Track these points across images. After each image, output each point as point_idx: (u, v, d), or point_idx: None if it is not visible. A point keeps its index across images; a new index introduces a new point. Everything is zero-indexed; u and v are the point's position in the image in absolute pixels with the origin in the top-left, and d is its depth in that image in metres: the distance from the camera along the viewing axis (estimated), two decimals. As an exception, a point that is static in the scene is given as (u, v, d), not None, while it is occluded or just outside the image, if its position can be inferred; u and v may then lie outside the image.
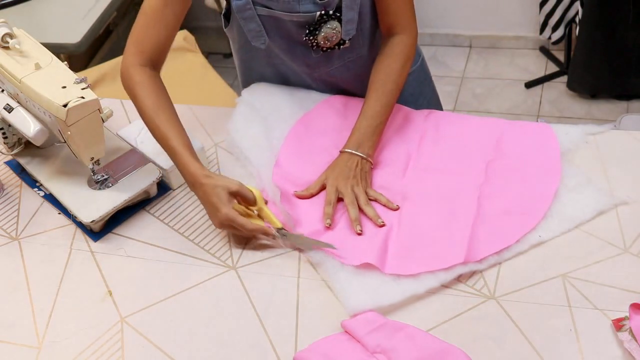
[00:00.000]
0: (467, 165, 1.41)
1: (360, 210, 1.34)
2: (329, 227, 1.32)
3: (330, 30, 1.43)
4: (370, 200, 1.36)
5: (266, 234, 1.32)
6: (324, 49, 1.47)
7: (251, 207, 1.35)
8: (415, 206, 1.34)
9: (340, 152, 1.40)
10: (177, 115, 1.37)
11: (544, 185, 1.35)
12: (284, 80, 1.61)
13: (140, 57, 1.40)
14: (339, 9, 1.41)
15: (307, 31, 1.43)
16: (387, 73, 1.44)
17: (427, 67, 1.73)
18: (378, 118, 1.41)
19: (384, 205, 1.35)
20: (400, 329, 1.16)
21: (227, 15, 1.54)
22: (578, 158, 1.42)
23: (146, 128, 1.53)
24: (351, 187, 1.35)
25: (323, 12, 1.40)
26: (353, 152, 1.38)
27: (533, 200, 1.33)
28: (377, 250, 1.26)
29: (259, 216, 1.35)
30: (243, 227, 1.29)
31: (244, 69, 1.67)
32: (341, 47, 1.48)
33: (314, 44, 1.46)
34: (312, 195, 1.39)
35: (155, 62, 1.42)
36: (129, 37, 1.42)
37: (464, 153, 1.44)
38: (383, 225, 1.31)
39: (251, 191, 1.32)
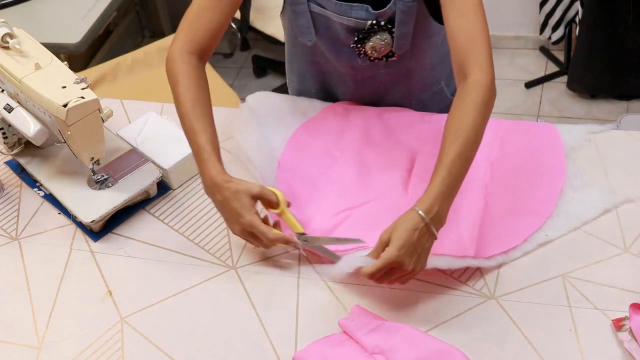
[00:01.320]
0: (472, 165, 1.41)
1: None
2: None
3: (379, 42, 1.39)
4: None
5: (288, 242, 1.25)
6: (371, 58, 1.44)
7: (274, 210, 1.28)
8: None
9: (412, 209, 1.15)
10: (212, 114, 1.32)
11: (549, 185, 1.35)
12: (322, 80, 1.58)
13: (190, 45, 1.35)
14: (391, 21, 1.37)
15: (356, 38, 1.40)
16: (465, 122, 1.20)
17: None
18: (457, 174, 1.18)
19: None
20: (398, 330, 1.16)
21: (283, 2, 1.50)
22: (579, 158, 1.42)
23: (146, 128, 1.53)
24: (414, 266, 1.15)
25: (375, 21, 1.36)
26: (424, 217, 1.14)
27: (539, 200, 1.33)
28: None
29: (279, 220, 1.28)
30: (264, 236, 1.22)
31: (288, 62, 1.66)
32: (389, 59, 1.44)
33: (362, 52, 1.42)
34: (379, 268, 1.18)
35: (204, 51, 1.37)
36: (181, 21, 1.38)
37: None
38: None
39: (274, 193, 1.26)
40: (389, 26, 1.38)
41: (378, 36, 1.39)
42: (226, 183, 1.23)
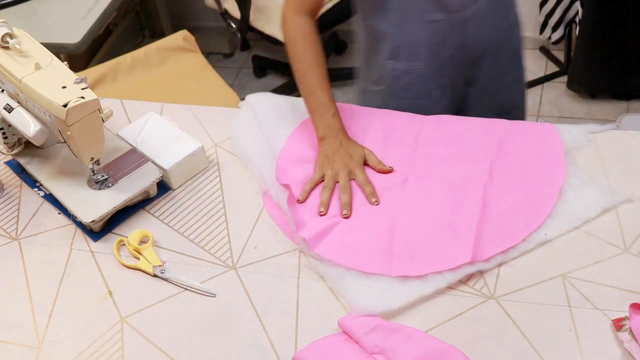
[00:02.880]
0: (470, 165, 1.41)
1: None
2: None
3: None
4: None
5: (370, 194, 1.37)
6: None
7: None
8: (419, 207, 1.34)
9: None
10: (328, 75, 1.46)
11: (548, 184, 1.35)
12: (402, 37, 1.54)
13: (301, 4, 1.46)
14: None
15: None
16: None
17: None
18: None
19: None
20: (398, 330, 1.16)
21: None
22: (579, 158, 1.42)
23: (146, 128, 1.53)
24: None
25: None
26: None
27: (538, 199, 1.33)
28: (381, 254, 1.26)
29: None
30: (363, 177, 1.38)
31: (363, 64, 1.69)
32: None
33: None
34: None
35: (314, 8, 1.49)
36: None
37: (467, 153, 1.43)
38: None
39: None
40: None
41: None
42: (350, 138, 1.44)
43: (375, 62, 1.62)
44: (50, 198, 1.47)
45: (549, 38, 3.14)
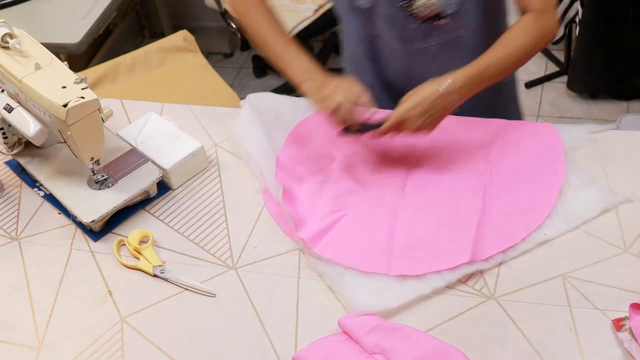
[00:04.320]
0: (470, 165, 1.41)
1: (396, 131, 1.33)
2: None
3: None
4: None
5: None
6: (422, 19, 1.44)
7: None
8: (419, 206, 1.34)
9: (438, 77, 1.32)
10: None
11: (548, 184, 1.35)
12: (375, 56, 1.58)
13: None
14: None
15: None
16: (514, 39, 1.36)
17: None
18: (490, 74, 1.33)
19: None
20: (398, 330, 1.16)
21: None
22: (579, 158, 1.42)
23: (146, 128, 1.53)
24: (418, 125, 1.31)
25: None
26: (449, 84, 1.30)
27: (538, 199, 1.33)
28: (380, 253, 1.26)
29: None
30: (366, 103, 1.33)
31: (344, 41, 1.67)
32: (440, 20, 1.44)
33: (411, 10, 1.42)
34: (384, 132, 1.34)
35: None
36: None
37: (467, 153, 1.44)
38: None
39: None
40: None
41: None
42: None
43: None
44: (50, 198, 1.47)
45: (549, 38, 3.14)
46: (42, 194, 1.50)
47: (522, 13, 1.40)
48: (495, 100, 1.61)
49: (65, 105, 1.26)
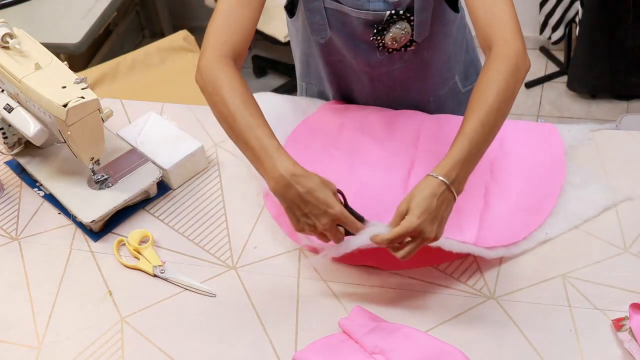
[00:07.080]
0: None
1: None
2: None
3: (399, 32, 1.38)
4: None
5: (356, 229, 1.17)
6: (390, 50, 1.43)
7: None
8: None
9: (429, 175, 1.13)
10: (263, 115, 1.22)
11: (549, 183, 1.36)
12: (339, 78, 1.57)
13: (225, 47, 1.26)
14: (410, 9, 1.36)
15: (375, 31, 1.38)
16: (488, 90, 1.17)
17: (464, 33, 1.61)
18: (479, 142, 1.15)
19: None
20: (398, 330, 1.16)
21: (290, 7, 1.50)
22: (579, 158, 1.42)
23: (146, 128, 1.53)
24: (435, 233, 1.12)
25: (393, 11, 1.35)
26: (445, 182, 1.12)
27: (539, 198, 1.33)
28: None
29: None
30: (354, 225, 1.15)
31: (304, 63, 1.63)
32: (408, 49, 1.43)
33: (381, 44, 1.41)
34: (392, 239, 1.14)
35: (239, 54, 1.29)
36: (208, 27, 1.30)
37: None
38: None
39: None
40: (408, 14, 1.37)
41: (397, 26, 1.38)
42: (307, 174, 1.14)
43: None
44: (50, 198, 1.47)
45: (549, 38, 3.14)
46: (42, 194, 1.50)
47: (483, 51, 1.26)
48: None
49: (65, 105, 1.26)
